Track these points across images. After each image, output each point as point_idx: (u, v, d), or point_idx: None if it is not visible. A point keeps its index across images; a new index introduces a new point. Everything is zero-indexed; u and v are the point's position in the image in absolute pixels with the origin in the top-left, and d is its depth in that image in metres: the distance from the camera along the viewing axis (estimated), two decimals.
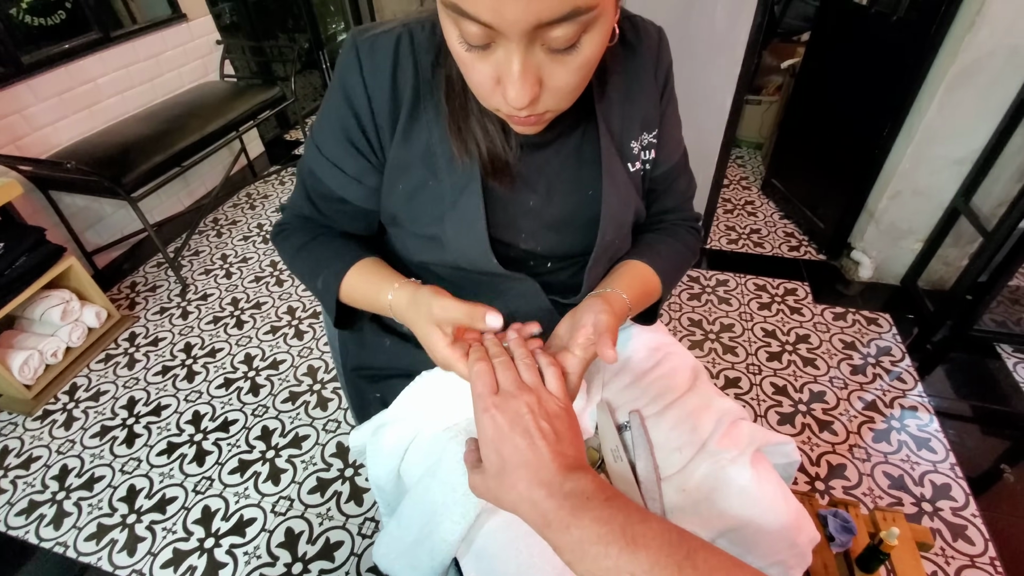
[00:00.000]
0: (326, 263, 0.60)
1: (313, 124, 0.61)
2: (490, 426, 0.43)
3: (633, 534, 0.35)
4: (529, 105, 0.42)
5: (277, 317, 1.83)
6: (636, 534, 0.35)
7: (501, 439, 0.42)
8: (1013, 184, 1.51)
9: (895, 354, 1.60)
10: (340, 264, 0.59)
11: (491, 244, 0.56)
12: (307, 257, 0.62)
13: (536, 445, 0.41)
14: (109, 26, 1.99)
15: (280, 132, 3.18)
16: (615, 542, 0.35)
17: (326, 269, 0.60)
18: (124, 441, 1.44)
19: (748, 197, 2.40)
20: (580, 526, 0.37)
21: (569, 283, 0.65)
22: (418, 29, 0.53)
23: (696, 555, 0.35)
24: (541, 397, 0.45)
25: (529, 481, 0.40)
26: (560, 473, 0.40)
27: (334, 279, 0.59)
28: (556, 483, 0.39)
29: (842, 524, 0.75)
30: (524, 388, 0.45)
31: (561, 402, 0.46)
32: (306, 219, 0.65)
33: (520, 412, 0.43)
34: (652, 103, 0.60)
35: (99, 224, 2.01)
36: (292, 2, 3.31)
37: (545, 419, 0.43)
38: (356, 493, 1.29)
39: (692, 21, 1.55)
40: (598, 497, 0.38)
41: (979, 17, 1.33)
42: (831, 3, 1.84)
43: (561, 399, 0.46)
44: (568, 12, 0.36)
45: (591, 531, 0.36)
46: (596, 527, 0.36)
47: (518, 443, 0.41)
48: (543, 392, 0.46)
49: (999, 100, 1.43)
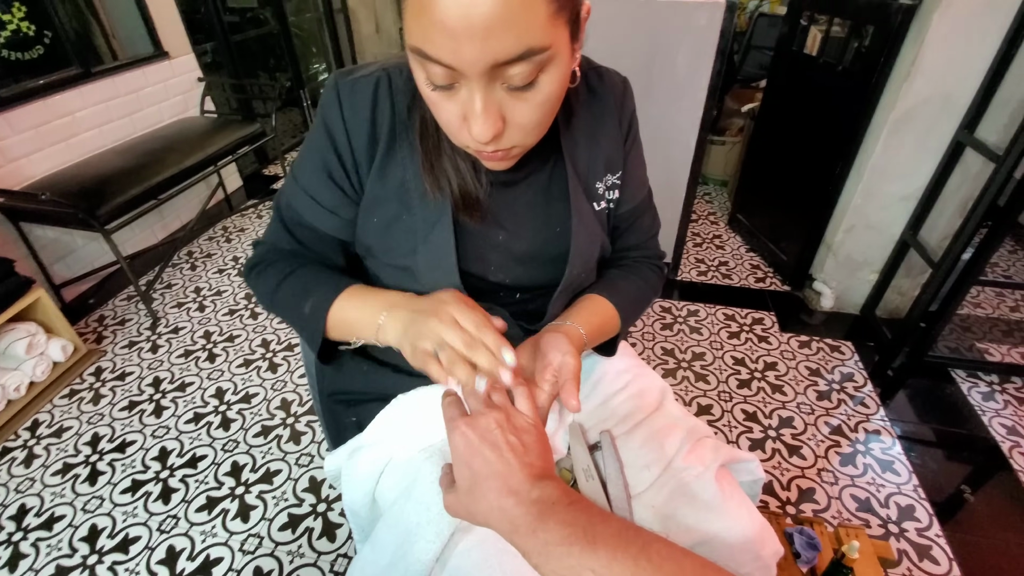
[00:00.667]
0: (315, 287, 0.60)
1: (294, 160, 0.63)
2: (461, 442, 0.45)
3: (594, 534, 0.38)
4: (494, 140, 0.45)
5: (251, 350, 1.81)
6: (596, 533, 0.38)
7: (471, 453, 0.44)
8: (955, 218, 1.62)
9: (858, 380, 1.66)
10: (330, 288, 0.59)
11: (462, 276, 0.59)
12: (294, 283, 0.61)
13: (505, 457, 0.43)
14: (90, 62, 2.02)
15: (259, 167, 3.21)
16: (577, 542, 0.37)
17: (315, 294, 0.60)
18: (87, 479, 1.38)
19: (716, 231, 2.50)
20: (546, 529, 0.39)
21: (536, 311, 0.68)
22: (396, 73, 0.57)
23: (650, 548, 0.37)
24: (510, 414, 0.47)
25: (499, 491, 0.42)
26: (528, 481, 0.42)
27: (324, 302, 0.58)
28: (524, 491, 0.42)
29: (807, 541, 0.77)
30: (493, 406, 0.47)
31: (529, 418, 0.48)
32: (285, 252, 0.65)
33: (489, 427, 0.45)
34: (615, 146, 0.65)
35: (69, 256, 1.98)
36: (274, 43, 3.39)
37: (513, 433, 0.45)
38: (328, 529, 1.26)
39: (656, 68, 1.66)
40: (563, 502, 0.40)
41: (914, 68, 1.46)
42: (784, 53, 1.99)
43: (529, 416, 0.49)
44: (522, 52, 0.40)
45: (556, 533, 0.38)
46: (560, 529, 0.38)
47: (487, 455, 0.44)
48: (511, 409, 0.48)
49: (936, 142, 1.55)
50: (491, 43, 0.38)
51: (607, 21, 1.62)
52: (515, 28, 0.38)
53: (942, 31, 1.39)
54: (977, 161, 1.51)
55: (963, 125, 1.49)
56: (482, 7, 0.36)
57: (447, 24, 0.38)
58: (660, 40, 1.62)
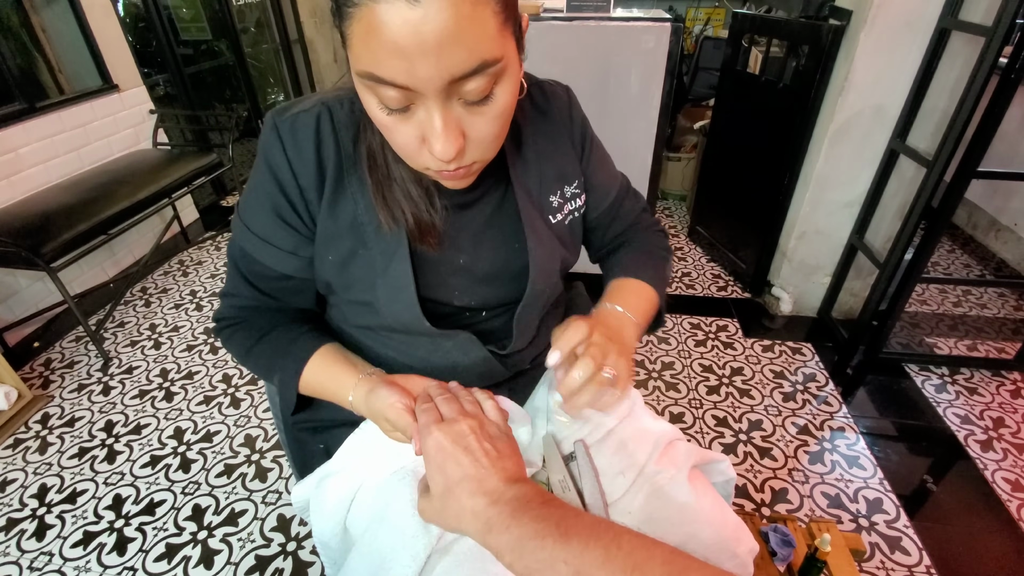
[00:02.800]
0: (279, 363, 0.61)
1: (238, 206, 0.60)
2: (434, 448, 0.45)
3: (566, 527, 0.38)
4: (456, 157, 0.45)
5: (211, 386, 1.73)
6: (569, 526, 0.38)
7: (445, 457, 0.44)
8: (896, 221, 1.72)
9: (820, 380, 1.72)
10: (293, 362, 0.60)
11: (426, 304, 0.58)
12: (258, 357, 0.63)
13: (479, 461, 0.43)
14: (34, 97, 1.95)
15: (216, 198, 3.13)
16: (550, 535, 0.38)
17: (280, 370, 0.61)
18: (33, 534, 1.29)
19: (677, 244, 2.57)
20: (519, 524, 0.39)
21: (504, 329, 0.67)
22: (337, 106, 0.55)
23: (621, 538, 0.37)
24: (482, 422, 0.47)
25: (472, 492, 0.42)
26: (503, 483, 0.42)
27: (292, 378, 0.60)
28: (498, 491, 0.41)
29: (782, 538, 0.79)
30: (465, 413, 0.47)
31: (501, 426, 0.48)
32: (249, 309, 0.64)
33: (463, 432, 0.45)
34: (568, 159, 0.66)
35: (12, 299, 1.87)
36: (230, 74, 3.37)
37: (487, 440, 0.45)
38: (300, 568, 1.21)
39: (610, 88, 1.72)
40: (536, 500, 0.40)
41: (847, 83, 1.56)
42: (729, 73, 2.10)
43: (501, 425, 0.49)
44: (477, 66, 0.40)
45: (529, 528, 0.38)
46: (534, 524, 0.38)
47: (461, 459, 0.43)
48: (483, 417, 0.48)
49: (872, 151, 1.66)
50: (445, 59, 0.38)
51: (562, 45, 1.68)
52: (467, 42, 0.38)
53: (868, 49, 1.50)
54: (911, 167, 1.61)
55: (896, 134, 1.59)
56: (432, 23, 0.36)
57: (399, 44, 0.37)
58: (612, 62, 1.68)
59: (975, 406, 1.60)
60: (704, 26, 3.42)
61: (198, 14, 3.07)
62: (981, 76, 1.29)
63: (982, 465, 1.42)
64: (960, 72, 1.45)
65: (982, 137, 1.34)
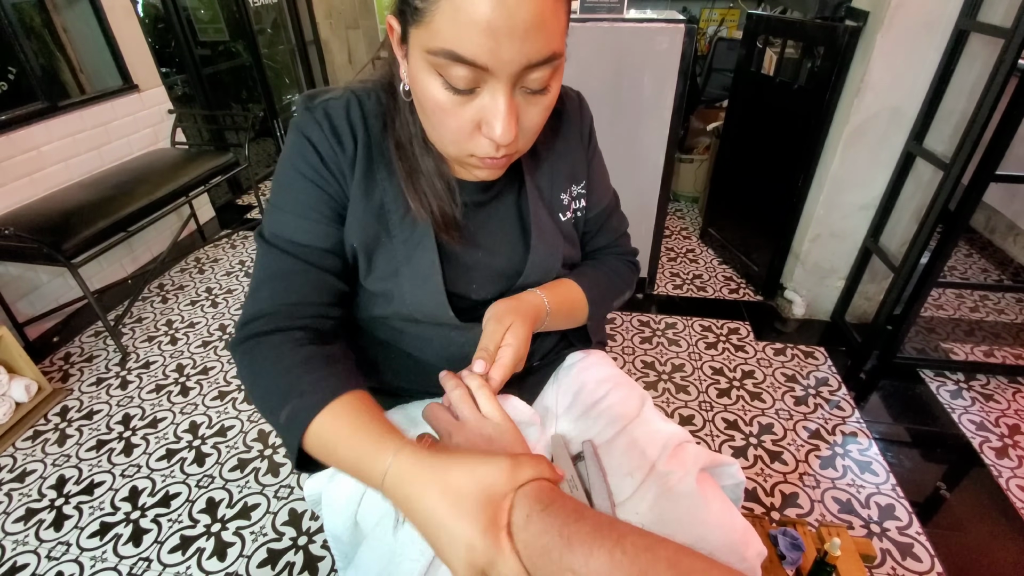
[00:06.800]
0: (297, 390, 0.48)
1: (269, 198, 0.59)
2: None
3: (568, 534, 0.38)
4: (512, 143, 0.47)
5: (226, 382, 1.76)
6: (571, 533, 0.38)
7: None
8: (912, 224, 1.70)
9: (832, 384, 1.70)
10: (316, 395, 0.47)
11: (446, 296, 0.60)
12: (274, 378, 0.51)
13: None
14: (56, 96, 2.00)
15: (232, 197, 3.18)
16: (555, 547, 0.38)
17: (296, 398, 0.48)
18: (52, 524, 1.32)
19: (689, 246, 2.56)
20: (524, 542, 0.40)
21: None
22: (364, 96, 0.57)
23: (625, 540, 0.38)
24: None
25: None
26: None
27: (305, 413, 0.47)
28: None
29: (791, 542, 0.78)
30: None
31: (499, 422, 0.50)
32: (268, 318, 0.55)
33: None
34: (578, 158, 0.67)
35: (33, 293, 1.92)
36: (247, 75, 3.41)
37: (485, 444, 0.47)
38: (310, 562, 1.22)
39: (623, 90, 1.72)
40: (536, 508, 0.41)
41: (863, 84, 1.54)
42: (743, 74, 2.08)
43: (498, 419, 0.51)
44: (549, 55, 0.42)
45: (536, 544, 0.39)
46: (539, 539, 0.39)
47: None
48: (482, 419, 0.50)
49: (889, 153, 1.64)
50: (528, 44, 0.40)
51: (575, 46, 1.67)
52: (547, 32, 0.41)
53: (886, 50, 1.48)
54: (928, 170, 1.59)
55: (912, 136, 1.57)
56: (525, 9, 0.39)
57: (492, 24, 0.39)
58: (626, 63, 1.68)
59: (991, 413, 1.57)
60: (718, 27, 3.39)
61: (216, 15, 3.11)
62: (1000, 78, 1.27)
63: (997, 472, 1.40)
64: (978, 74, 1.43)
65: (1000, 140, 1.32)
